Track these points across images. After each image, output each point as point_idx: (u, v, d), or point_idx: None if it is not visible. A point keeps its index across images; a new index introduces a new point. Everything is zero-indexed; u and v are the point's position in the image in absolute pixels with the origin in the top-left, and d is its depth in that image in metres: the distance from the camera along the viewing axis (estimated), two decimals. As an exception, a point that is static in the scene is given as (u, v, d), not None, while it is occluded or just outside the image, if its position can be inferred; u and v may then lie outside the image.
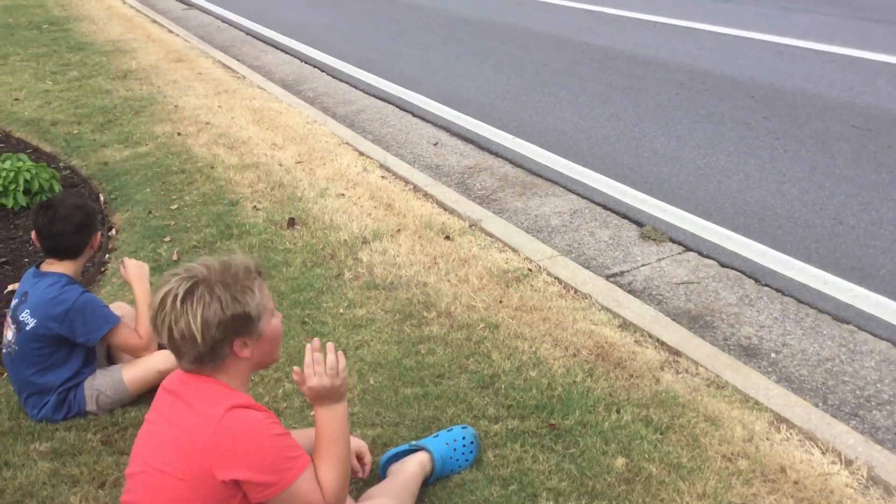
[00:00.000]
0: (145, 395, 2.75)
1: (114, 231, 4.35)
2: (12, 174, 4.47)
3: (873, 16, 8.60)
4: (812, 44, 7.47)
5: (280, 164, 5.16)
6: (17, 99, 6.81)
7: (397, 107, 6.65)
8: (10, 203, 4.46)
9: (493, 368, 2.92)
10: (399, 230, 4.13)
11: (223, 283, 1.80)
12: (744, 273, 3.75)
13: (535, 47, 8.17)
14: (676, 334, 3.18)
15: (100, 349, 2.90)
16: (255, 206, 4.49)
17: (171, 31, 9.73)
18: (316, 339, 2.02)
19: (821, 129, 5.51)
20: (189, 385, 1.85)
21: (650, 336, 3.15)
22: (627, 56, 7.56)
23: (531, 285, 3.56)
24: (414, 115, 6.43)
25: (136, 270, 2.93)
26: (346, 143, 5.60)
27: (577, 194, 4.74)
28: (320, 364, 1.95)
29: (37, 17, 10.86)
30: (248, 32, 9.94)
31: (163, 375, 2.08)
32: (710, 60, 7.24)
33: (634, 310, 3.36)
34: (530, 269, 3.71)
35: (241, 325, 1.82)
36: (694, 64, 7.14)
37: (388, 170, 5.08)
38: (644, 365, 2.94)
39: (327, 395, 1.96)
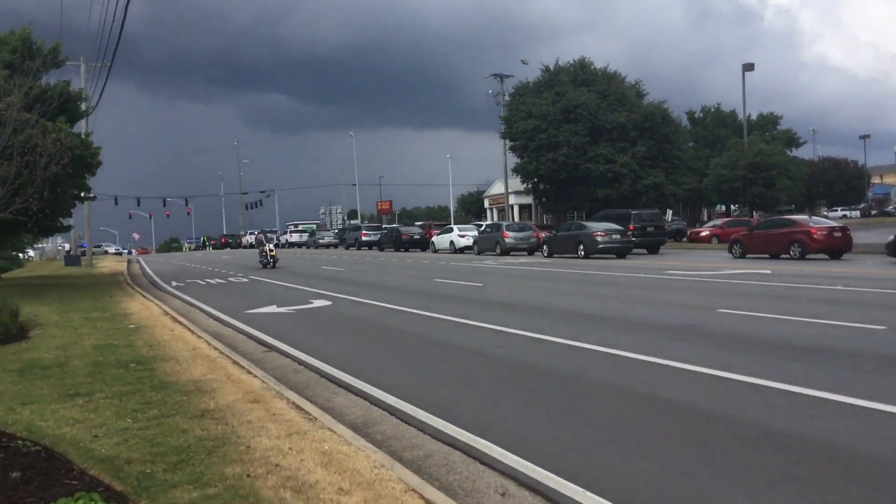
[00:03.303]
0: None
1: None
2: (82, 513, 4.49)
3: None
4: (890, 407, 7.34)
5: (345, 511, 5.09)
6: (95, 436, 7.01)
7: (464, 453, 6.63)
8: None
9: None
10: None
11: None
12: None
13: (604, 398, 8.24)
14: None
15: None
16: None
17: (249, 372, 10.18)
18: None
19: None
20: None
21: None
22: (697, 411, 7.53)
23: None
24: (481, 462, 6.38)
25: None
26: (413, 489, 5.52)
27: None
28: None
29: (125, 357, 11.51)
30: (322, 374, 10.35)
31: None
32: (782, 418, 7.15)
33: None
34: None
35: None
36: (768, 422, 7.05)
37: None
38: None
39: None
